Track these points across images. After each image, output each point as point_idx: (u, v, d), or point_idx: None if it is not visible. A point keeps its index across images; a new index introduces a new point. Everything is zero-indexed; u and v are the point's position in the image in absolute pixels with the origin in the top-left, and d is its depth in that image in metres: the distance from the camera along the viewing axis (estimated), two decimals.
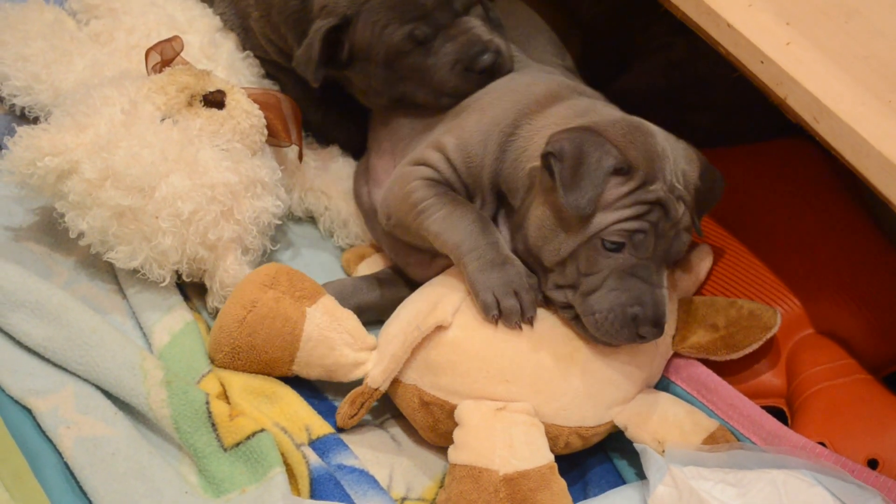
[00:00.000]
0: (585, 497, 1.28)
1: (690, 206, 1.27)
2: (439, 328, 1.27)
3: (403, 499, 1.28)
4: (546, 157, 1.23)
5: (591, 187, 1.21)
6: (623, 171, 1.23)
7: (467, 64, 1.41)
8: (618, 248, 1.24)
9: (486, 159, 1.33)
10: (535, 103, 1.34)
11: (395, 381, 1.30)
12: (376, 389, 1.29)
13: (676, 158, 1.27)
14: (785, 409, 1.36)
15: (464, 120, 1.38)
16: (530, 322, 1.26)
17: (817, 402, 1.31)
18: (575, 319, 1.27)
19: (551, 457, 1.23)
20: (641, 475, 1.25)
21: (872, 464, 1.25)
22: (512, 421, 1.23)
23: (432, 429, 1.29)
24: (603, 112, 1.31)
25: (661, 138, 1.27)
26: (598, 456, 1.33)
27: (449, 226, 1.30)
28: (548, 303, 1.29)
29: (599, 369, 1.27)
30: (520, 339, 1.26)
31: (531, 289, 1.27)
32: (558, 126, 1.29)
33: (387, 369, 1.28)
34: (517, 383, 1.25)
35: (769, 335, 1.32)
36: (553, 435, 1.25)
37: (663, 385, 1.33)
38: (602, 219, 1.23)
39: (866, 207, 1.49)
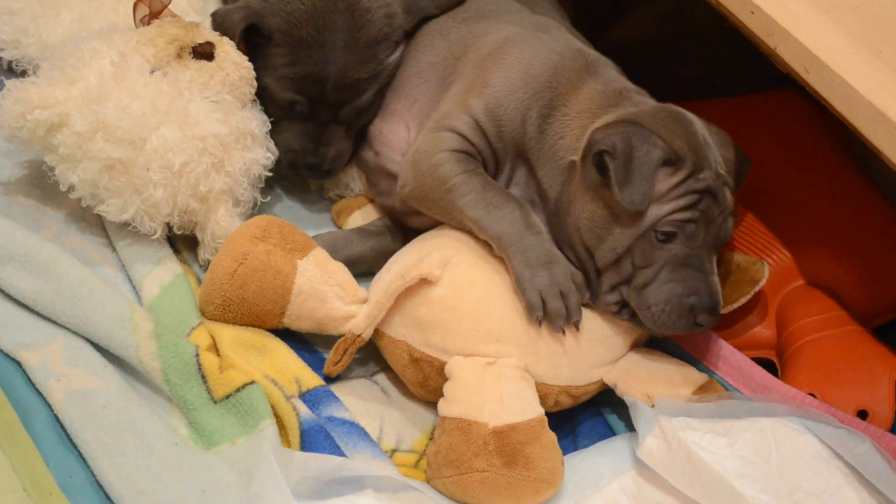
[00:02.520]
0: (576, 449, 1.29)
1: (733, 191, 1.28)
2: (428, 283, 1.27)
3: (393, 450, 1.28)
4: (597, 154, 1.22)
5: (644, 181, 1.21)
6: (672, 161, 1.22)
7: (292, 159, 1.47)
8: (671, 238, 1.24)
9: (523, 132, 1.32)
10: (566, 78, 1.33)
11: (386, 337, 1.30)
12: (359, 336, 1.29)
13: (714, 143, 1.27)
14: (775, 360, 1.36)
15: (488, 75, 1.36)
16: (575, 325, 1.26)
17: (807, 354, 1.31)
18: (632, 318, 1.27)
19: (541, 410, 1.23)
20: (631, 427, 1.25)
21: (862, 415, 1.26)
22: (502, 375, 1.23)
23: (422, 385, 1.30)
24: (636, 99, 1.30)
25: (699, 126, 1.27)
26: (588, 409, 1.33)
27: (489, 212, 1.29)
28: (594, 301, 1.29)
29: (589, 329, 1.27)
30: (510, 299, 1.26)
31: (578, 290, 1.26)
32: (594, 114, 1.29)
33: (369, 315, 1.28)
34: (507, 343, 1.25)
35: (757, 289, 1.32)
36: (543, 394, 1.25)
37: (652, 339, 1.33)
38: (655, 211, 1.23)
39: (857, 158, 1.49)
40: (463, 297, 1.26)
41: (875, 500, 1.13)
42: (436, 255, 1.29)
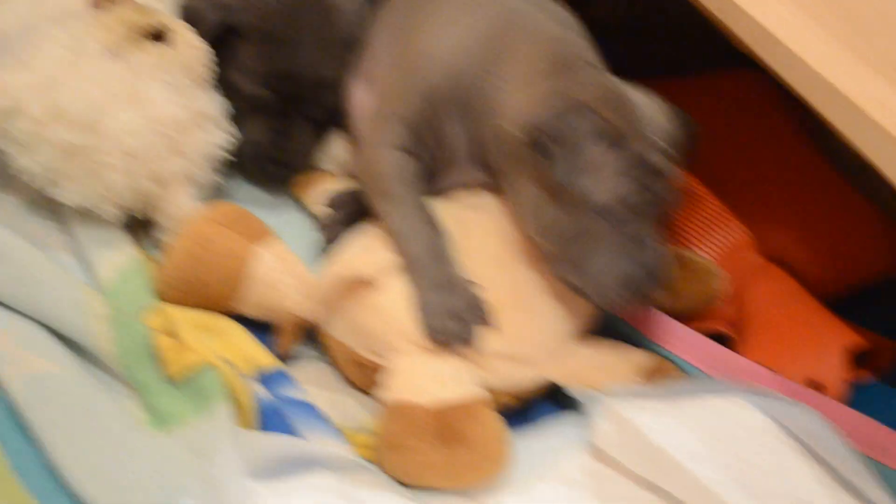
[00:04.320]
0: (527, 427, 1.29)
1: (673, 159, 1.27)
2: (365, 286, 1.27)
3: (348, 431, 1.28)
4: (534, 134, 1.22)
5: (584, 160, 1.20)
6: (611, 138, 1.22)
7: (256, 152, 1.46)
8: (614, 215, 1.23)
9: (464, 96, 1.30)
10: (509, 40, 1.31)
11: (328, 337, 1.31)
12: (303, 320, 1.29)
13: (652, 114, 1.26)
14: (730, 334, 1.36)
15: (426, 37, 1.34)
16: (470, 346, 1.25)
17: (759, 325, 1.32)
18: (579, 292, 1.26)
19: (482, 391, 1.23)
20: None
21: (813, 385, 1.26)
22: (440, 358, 1.24)
23: (365, 383, 1.30)
24: (582, 72, 1.28)
25: (641, 99, 1.26)
26: None
27: (411, 232, 1.28)
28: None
29: (528, 335, 1.27)
30: None
31: (476, 316, 1.25)
32: (529, 83, 1.27)
33: (310, 308, 1.29)
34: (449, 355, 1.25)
35: (713, 297, 1.33)
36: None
37: (604, 320, 1.33)
38: (601, 191, 1.22)
39: (816, 138, 1.49)
40: (403, 308, 1.26)
41: (827, 474, 1.13)
42: (376, 256, 1.29)
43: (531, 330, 1.28)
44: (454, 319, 1.24)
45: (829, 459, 1.13)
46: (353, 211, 1.40)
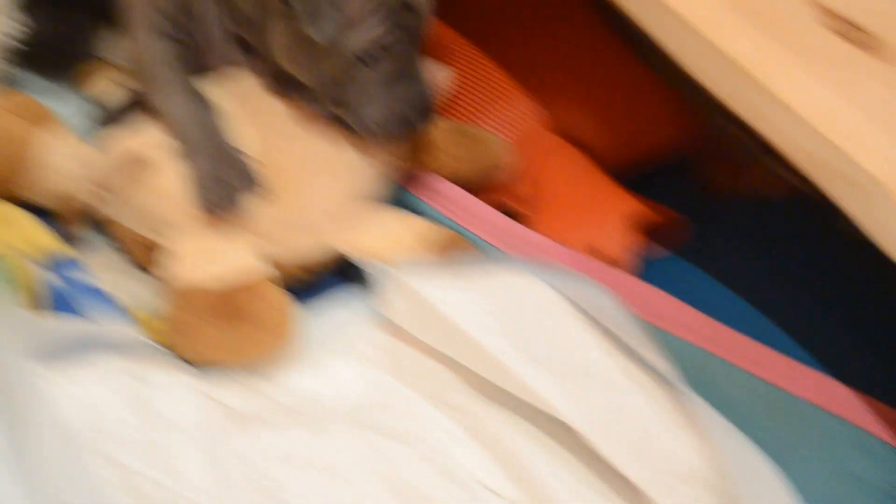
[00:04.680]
0: (315, 301, 1.30)
1: None
2: (145, 167, 1.25)
3: (139, 315, 1.27)
4: None
5: (332, 10, 1.18)
6: None
7: None
8: (375, 59, 1.22)
9: None
10: None
11: (114, 221, 1.29)
12: (88, 204, 1.28)
13: None
14: (520, 209, 1.38)
15: None
16: (236, 214, 1.24)
17: (548, 199, 1.34)
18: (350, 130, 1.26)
19: (266, 269, 1.23)
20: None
21: (598, 256, 1.29)
22: (225, 237, 1.24)
23: (151, 264, 1.29)
24: None
25: None
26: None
27: (179, 110, 1.26)
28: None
29: (313, 204, 1.27)
30: None
31: (247, 182, 1.24)
32: None
33: (94, 192, 1.27)
34: (230, 231, 1.25)
35: (495, 166, 1.34)
36: (277, 272, 1.26)
37: (394, 194, 1.34)
38: (353, 37, 1.21)
39: (606, 14, 1.50)
40: (181, 182, 1.24)
41: (609, 342, 1.17)
42: (153, 136, 1.27)
43: (315, 198, 1.27)
44: (224, 186, 1.23)
45: (614, 329, 1.16)
46: (133, 99, 1.38)
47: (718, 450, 1.10)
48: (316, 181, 1.28)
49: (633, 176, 1.42)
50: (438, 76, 1.40)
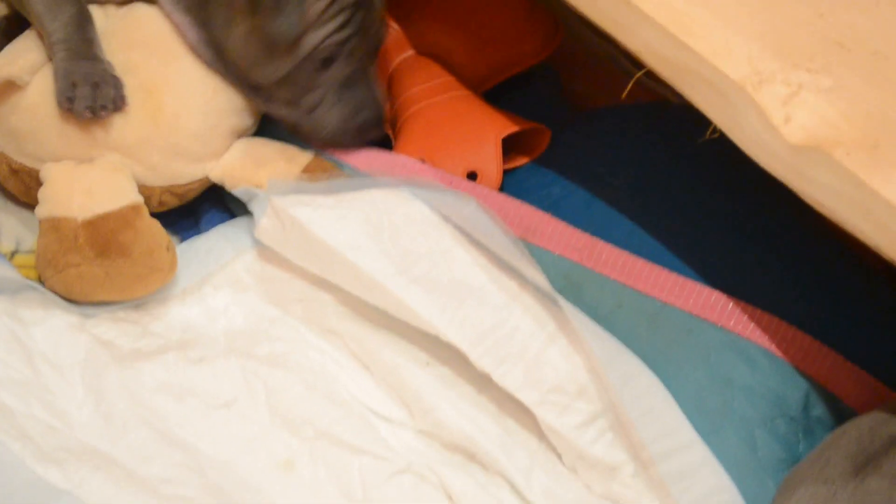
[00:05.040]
0: (199, 233, 1.30)
1: None
2: (18, 89, 1.23)
3: (14, 252, 1.28)
4: None
5: (294, 9, 1.17)
6: None
7: None
8: (331, 62, 1.22)
9: None
10: None
11: None
12: None
13: None
14: (389, 132, 1.38)
15: None
16: (102, 114, 1.21)
17: (416, 121, 1.34)
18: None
19: (137, 199, 1.22)
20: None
21: (472, 176, 1.29)
22: (91, 169, 1.22)
23: (26, 194, 1.27)
24: None
25: None
26: (210, 197, 1.33)
27: (50, 11, 1.23)
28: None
29: (184, 125, 1.25)
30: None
31: (113, 86, 1.21)
32: None
33: None
34: (101, 148, 1.23)
35: None
36: (145, 195, 1.24)
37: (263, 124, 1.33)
38: (312, 38, 1.20)
39: None
40: (54, 105, 1.22)
41: (483, 257, 1.18)
42: (28, 57, 1.23)
43: (186, 120, 1.25)
44: (88, 86, 1.20)
45: (487, 243, 1.17)
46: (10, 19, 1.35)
47: (595, 359, 1.11)
48: (188, 104, 1.26)
49: (495, 84, 1.42)
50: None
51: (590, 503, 1.12)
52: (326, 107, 1.25)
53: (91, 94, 1.20)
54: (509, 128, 1.31)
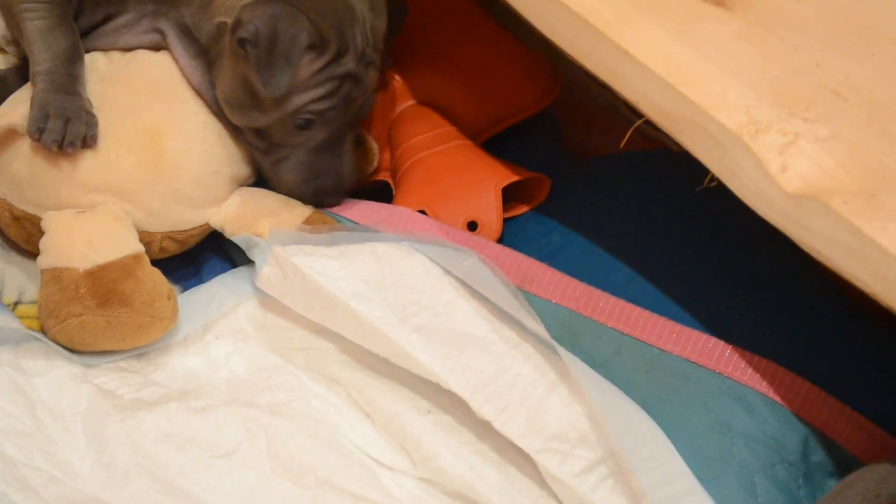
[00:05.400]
0: (201, 282, 1.30)
1: (378, 66, 1.27)
2: (19, 136, 1.24)
3: (16, 303, 1.28)
4: (241, 41, 1.18)
5: (288, 69, 1.18)
6: (316, 46, 1.20)
7: None
8: (309, 125, 1.23)
9: None
10: None
11: None
12: None
13: (365, 16, 1.24)
14: (390, 182, 1.39)
15: None
16: (67, 150, 1.22)
17: (417, 171, 1.34)
18: None
19: (138, 247, 1.23)
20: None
21: (472, 226, 1.30)
22: (92, 219, 1.22)
23: (27, 242, 1.28)
24: None
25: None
26: (210, 245, 1.34)
27: (44, 40, 1.25)
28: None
29: (185, 170, 1.26)
30: (102, 147, 1.24)
31: (86, 123, 1.22)
32: None
33: None
34: (102, 193, 1.24)
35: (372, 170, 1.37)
36: (146, 241, 1.25)
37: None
38: (296, 100, 1.22)
39: None
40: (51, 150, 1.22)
41: (484, 308, 1.18)
42: (25, 104, 1.24)
43: (188, 165, 1.27)
44: (60, 120, 1.20)
45: (487, 294, 1.17)
46: (14, 71, 1.37)
47: (595, 406, 1.11)
48: (190, 149, 1.27)
49: (495, 134, 1.43)
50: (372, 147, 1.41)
51: None
52: (290, 164, 1.27)
53: (62, 128, 1.21)
54: (509, 177, 1.31)
